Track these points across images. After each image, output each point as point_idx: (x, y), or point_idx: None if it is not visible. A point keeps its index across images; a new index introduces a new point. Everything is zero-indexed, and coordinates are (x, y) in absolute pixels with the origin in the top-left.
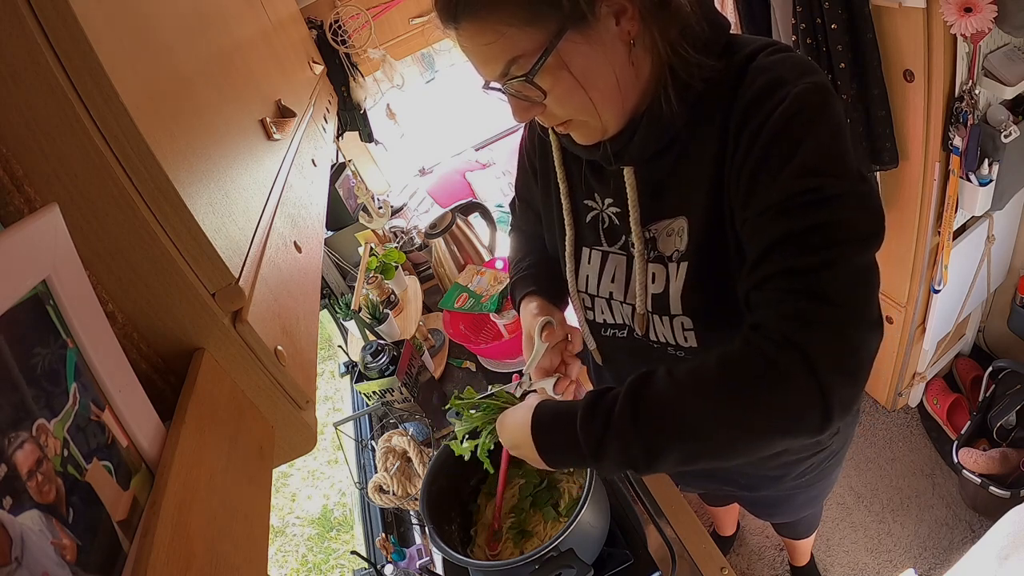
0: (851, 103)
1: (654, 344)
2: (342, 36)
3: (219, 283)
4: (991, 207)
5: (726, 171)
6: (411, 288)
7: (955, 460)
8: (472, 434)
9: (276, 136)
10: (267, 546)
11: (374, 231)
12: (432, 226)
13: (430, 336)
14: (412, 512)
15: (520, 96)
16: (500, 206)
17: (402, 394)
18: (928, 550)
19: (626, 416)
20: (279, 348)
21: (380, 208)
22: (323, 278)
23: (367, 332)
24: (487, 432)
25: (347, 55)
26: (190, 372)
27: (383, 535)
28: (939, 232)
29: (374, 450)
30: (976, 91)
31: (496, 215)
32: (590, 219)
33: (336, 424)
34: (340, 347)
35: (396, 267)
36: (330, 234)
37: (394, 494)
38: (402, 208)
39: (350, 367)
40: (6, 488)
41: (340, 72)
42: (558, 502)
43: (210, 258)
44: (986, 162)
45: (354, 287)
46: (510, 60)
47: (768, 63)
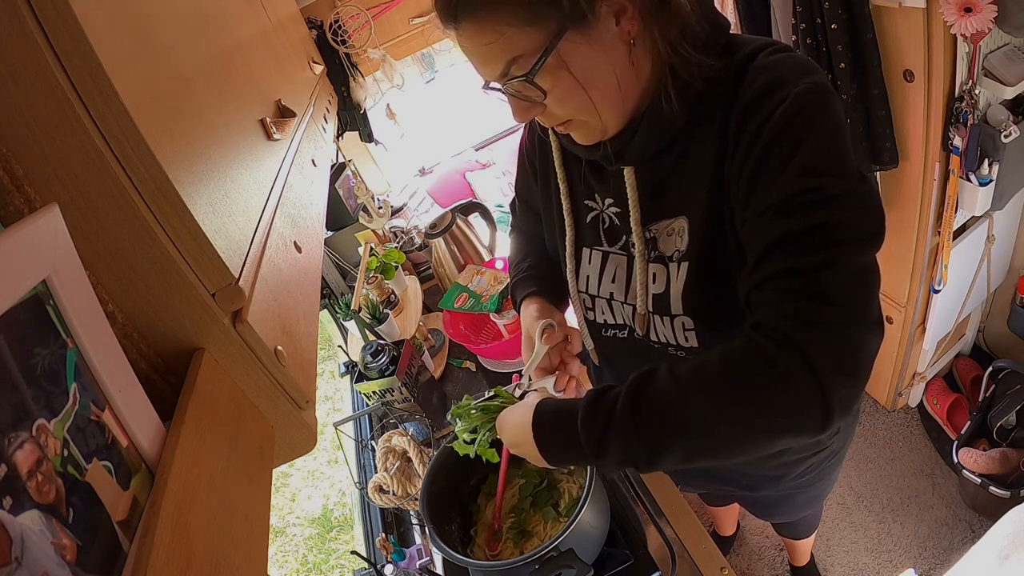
0: (851, 103)
1: (655, 344)
2: (342, 36)
3: (219, 283)
4: (991, 207)
5: (726, 171)
6: (411, 288)
7: (955, 460)
8: (473, 434)
9: (276, 136)
10: (267, 546)
11: (374, 231)
12: (432, 226)
13: (430, 336)
14: (412, 512)
15: (520, 96)
16: (500, 206)
17: (402, 394)
18: (928, 550)
19: (627, 414)
20: (279, 348)
21: (380, 208)
22: (323, 278)
23: (367, 332)
24: (485, 429)
25: (347, 55)
26: (190, 372)
27: (383, 535)
28: (939, 232)
29: (374, 450)
30: (976, 91)
31: (496, 215)
32: (590, 219)
33: (336, 424)
34: (340, 347)
35: (396, 267)
36: (330, 234)
37: (394, 494)
38: (402, 208)
39: (350, 367)
40: (6, 488)
41: (340, 72)
42: (558, 502)
43: (210, 258)
44: (986, 162)
45: (354, 287)
46: (510, 60)
47: (768, 63)
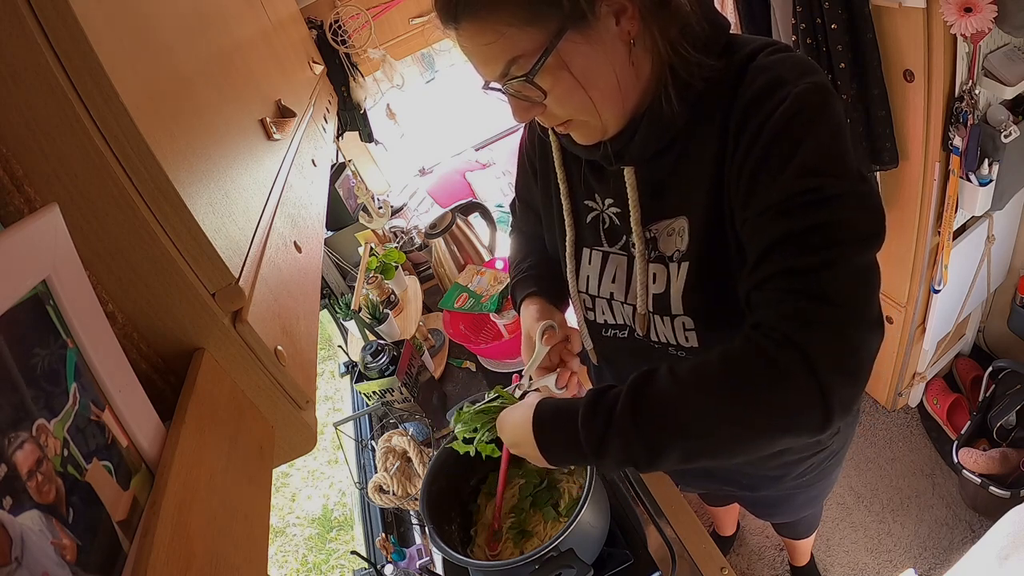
0: (851, 103)
1: (655, 344)
2: (342, 36)
3: (219, 283)
4: (991, 207)
5: (726, 171)
6: (411, 288)
7: (955, 460)
8: (473, 434)
9: (276, 136)
10: (267, 546)
11: (374, 231)
12: (432, 226)
13: (430, 336)
14: (412, 512)
15: (520, 96)
16: (500, 206)
17: (402, 394)
18: (928, 550)
19: (628, 413)
20: (279, 348)
21: (380, 208)
22: (323, 278)
23: (367, 332)
24: (485, 429)
25: (347, 55)
26: (190, 372)
27: (383, 535)
28: (939, 232)
29: (374, 450)
30: (976, 91)
31: (496, 215)
32: (590, 219)
33: (336, 424)
34: (340, 347)
35: (396, 267)
36: (330, 234)
37: (394, 494)
38: (402, 208)
39: (350, 367)
40: (6, 488)
41: (340, 72)
42: (558, 502)
43: (210, 258)
44: (986, 162)
45: (354, 287)
46: (510, 60)
47: (768, 63)
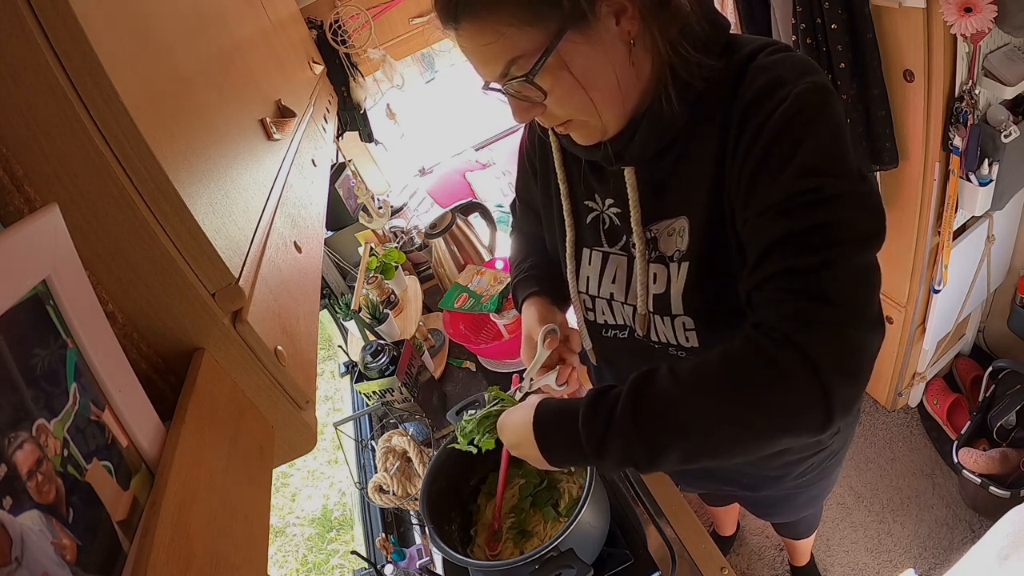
0: (851, 103)
1: (655, 344)
2: (342, 36)
3: (219, 283)
4: (991, 207)
5: (726, 171)
6: (411, 288)
7: (955, 460)
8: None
9: (276, 136)
10: (267, 546)
11: (374, 231)
12: (432, 226)
13: (430, 336)
14: (412, 512)
15: (520, 96)
16: (500, 206)
17: (402, 394)
18: (928, 550)
19: (628, 413)
20: (279, 348)
21: (380, 208)
22: (323, 278)
23: (367, 332)
24: (485, 432)
25: (347, 55)
26: (190, 372)
27: (383, 535)
28: (939, 232)
29: (374, 450)
30: (976, 91)
31: (496, 215)
32: (590, 220)
33: (336, 424)
34: (340, 347)
35: (396, 267)
36: (330, 234)
37: (394, 494)
38: (402, 208)
39: (350, 367)
40: (6, 488)
41: (340, 72)
42: (558, 502)
43: (210, 258)
44: (986, 162)
45: (354, 287)
46: (510, 60)
47: (768, 63)
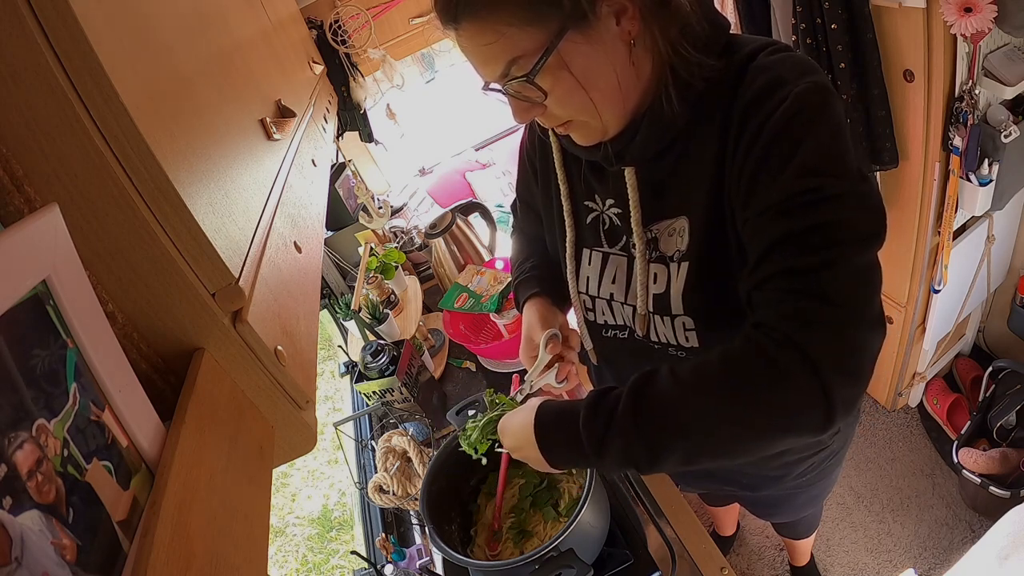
0: (851, 103)
1: (655, 345)
2: (342, 36)
3: (219, 283)
4: (991, 207)
5: (726, 171)
6: (411, 288)
7: (955, 460)
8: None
9: (276, 136)
10: (267, 546)
11: (374, 231)
12: (432, 226)
13: (430, 336)
14: (412, 512)
15: (520, 97)
16: (500, 206)
17: (402, 394)
18: (928, 550)
19: (629, 414)
20: (279, 348)
21: (380, 208)
22: (323, 278)
23: (367, 332)
24: (486, 435)
25: (347, 55)
26: (190, 372)
27: (383, 535)
28: (939, 232)
29: (374, 450)
30: (976, 91)
31: (496, 215)
32: (590, 220)
33: (336, 424)
34: (340, 347)
35: (396, 267)
36: (330, 234)
37: (394, 494)
38: (402, 208)
39: (350, 367)
40: (6, 488)
41: (340, 72)
42: (558, 502)
43: (210, 258)
44: (986, 162)
45: (354, 287)
46: (510, 60)
47: (768, 63)
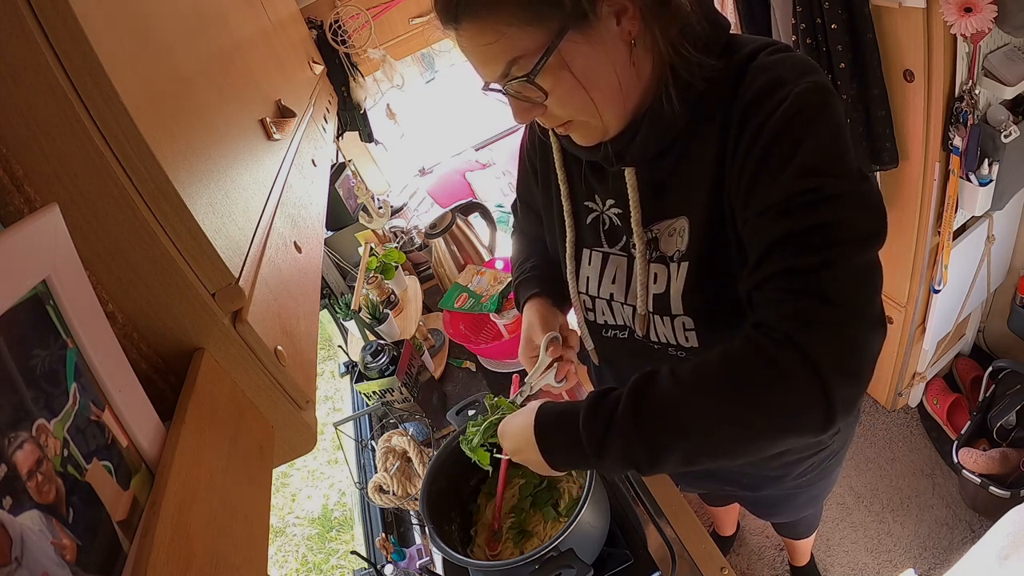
0: (851, 103)
1: (655, 345)
2: (342, 36)
3: (219, 283)
4: (991, 207)
5: (727, 171)
6: (411, 288)
7: (955, 460)
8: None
9: (276, 136)
10: (267, 546)
11: (374, 231)
12: (432, 226)
13: (430, 336)
14: (412, 512)
15: (521, 97)
16: (500, 206)
17: (402, 394)
18: (928, 550)
19: (629, 414)
20: (279, 348)
21: (380, 208)
22: (323, 278)
23: (367, 332)
24: (487, 438)
25: (347, 55)
26: (190, 372)
27: (383, 535)
28: (939, 232)
29: (374, 450)
30: (976, 91)
31: (496, 215)
32: (590, 220)
33: (336, 424)
34: (340, 347)
35: (396, 267)
36: (330, 234)
37: (394, 494)
38: (402, 208)
39: (350, 367)
40: (6, 488)
41: (340, 72)
42: (558, 502)
43: (210, 258)
44: (986, 162)
45: (354, 287)
46: (511, 60)
47: (768, 62)
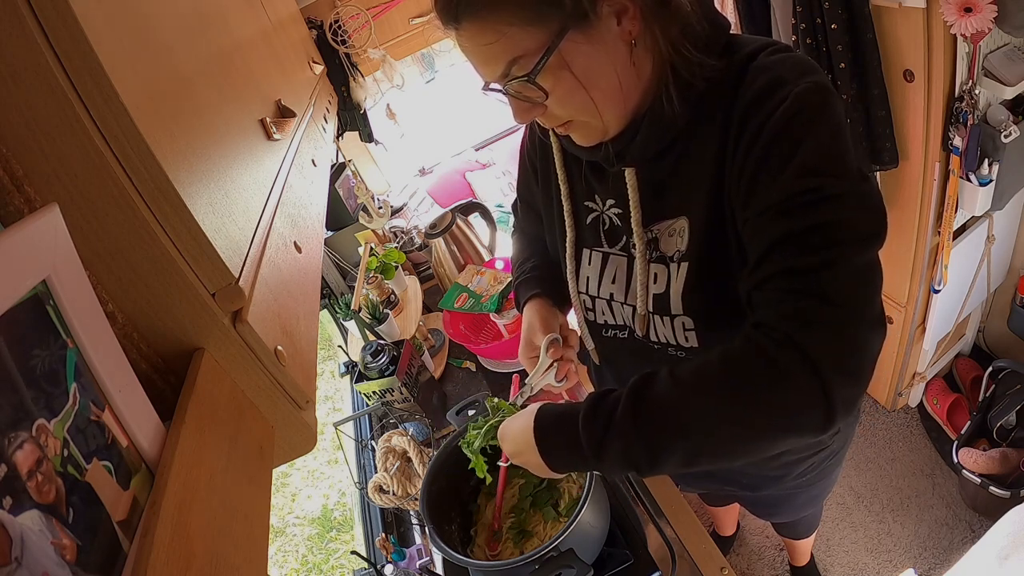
0: (851, 103)
1: (654, 345)
2: (342, 36)
3: (219, 283)
4: (991, 207)
5: (727, 171)
6: (411, 288)
7: (955, 460)
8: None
9: (276, 136)
10: (267, 546)
11: (374, 231)
12: (432, 226)
13: (430, 336)
14: (412, 512)
15: (521, 97)
16: (500, 206)
17: (402, 394)
18: (928, 550)
19: (628, 416)
20: (279, 348)
21: (380, 208)
22: (323, 278)
23: (367, 332)
24: (487, 440)
25: (347, 55)
26: (190, 372)
27: (383, 535)
28: (939, 232)
29: (374, 450)
30: (976, 91)
31: (496, 215)
32: (591, 220)
33: (336, 424)
34: (340, 347)
35: (396, 267)
36: (330, 234)
37: (394, 494)
38: (402, 208)
39: (350, 367)
40: (6, 488)
41: (340, 72)
42: (558, 502)
43: (210, 258)
44: (986, 162)
45: (354, 287)
46: (511, 60)
47: (769, 63)
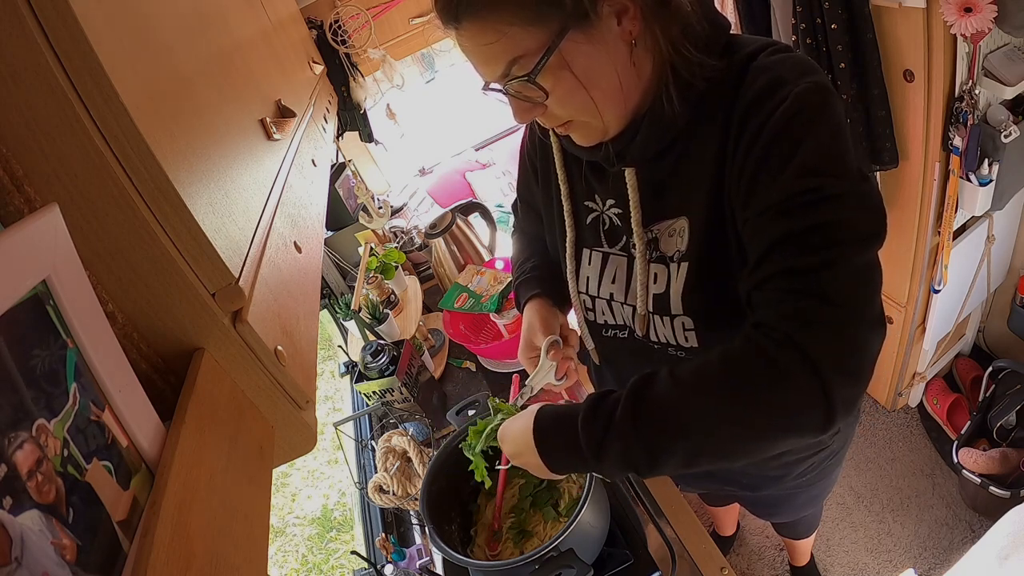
0: (851, 103)
1: (654, 345)
2: (342, 36)
3: (219, 283)
4: (991, 207)
5: (727, 171)
6: (411, 288)
7: (955, 460)
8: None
9: (276, 136)
10: (267, 546)
11: (374, 231)
12: (432, 226)
13: (430, 336)
14: (412, 512)
15: (521, 97)
16: (500, 206)
17: (402, 394)
18: (928, 550)
19: (627, 417)
20: (279, 348)
21: (380, 208)
22: (323, 278)
23: (367, 332)
24: (487, 442)
25: (347, 55)
26: (190, 372)
27: (383, 535)
28: (939, 232)
29: (374, 450)
30: (976, 91)
31: (496, 215)
32: (591, 220)
33: (336, 424)
34: (340, 347)
35: (396, 267)
36: (330, 234)
37: (394, 494)
38: (402, 208)
39: (350, 367)
40: (6, 488)
41: (340, 72)
42: (558, 502)
43: (210, 258)
44: (986, 162)
45: (354, 287)
46: (511, 60)
47: (769, 63)
